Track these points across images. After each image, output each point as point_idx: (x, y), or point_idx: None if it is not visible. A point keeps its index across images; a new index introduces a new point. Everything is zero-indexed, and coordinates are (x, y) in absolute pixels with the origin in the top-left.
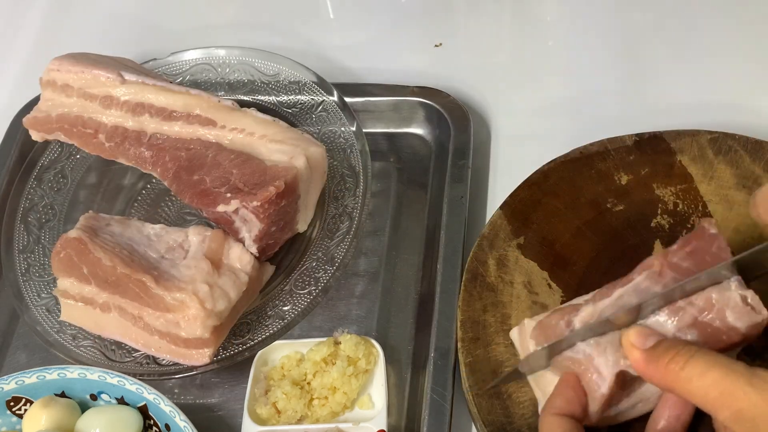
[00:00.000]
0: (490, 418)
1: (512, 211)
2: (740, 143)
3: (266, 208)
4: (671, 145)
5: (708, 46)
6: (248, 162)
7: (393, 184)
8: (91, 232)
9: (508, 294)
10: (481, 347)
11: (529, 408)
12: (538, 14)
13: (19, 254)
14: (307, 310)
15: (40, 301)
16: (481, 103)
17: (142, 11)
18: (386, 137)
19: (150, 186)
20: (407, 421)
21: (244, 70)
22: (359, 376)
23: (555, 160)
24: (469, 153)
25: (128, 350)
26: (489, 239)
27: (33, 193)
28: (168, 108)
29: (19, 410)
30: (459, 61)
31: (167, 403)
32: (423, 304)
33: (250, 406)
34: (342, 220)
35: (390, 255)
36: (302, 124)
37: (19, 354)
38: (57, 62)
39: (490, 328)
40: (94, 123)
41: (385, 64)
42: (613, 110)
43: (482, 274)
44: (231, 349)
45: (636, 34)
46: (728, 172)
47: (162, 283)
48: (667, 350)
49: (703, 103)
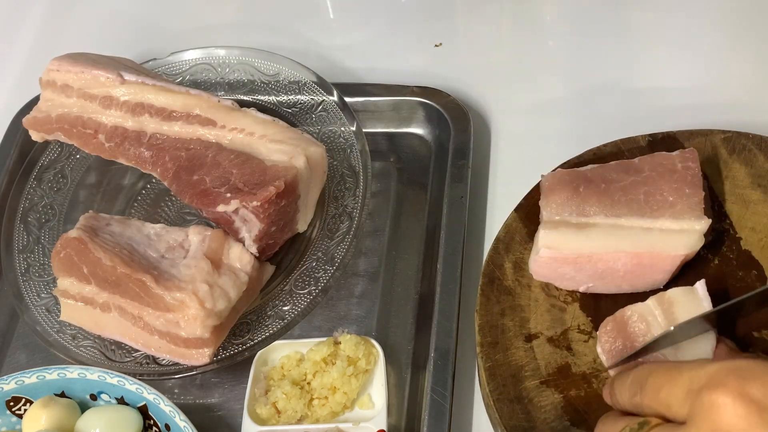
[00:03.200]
0: (512, 423)
1: (527, 214)
2: (754, 142)
3: (266, 208)
4: (684, 145)
5: (713, 44)
6: (248, 162)
7: (393, 184)
8: (91, 232)
9: (526, 297)
10: (500, 352)
11: (552, 412)
12: (537, 14)
13: (19, 254)
14: (307, 310)
15: (40, 301)
16: (481, 103)
17: (142, 11)
18: (386, 137)
19: (150, 186)
20: (407, 421)
21: (244, 70)
22: (359, 376)
23: (568, 161)
24: (469, 153)
25: (128, 350)
26: (505, 242)
27: (33, 193)
28: (168, 108)
29: (19, 410)
30: (459, 61)
31: (167, 403)
32: (423, 304)
33: (250, 406)
34: (342, 220)
35: (390, 255)
36: (302, 124)
37: (19, 354)
38: (57, 62)
39: (508, 332)
40: (94, 123)
41: (385, 64)
42: (613, 110)
43: (499, 277)
44: (231, 349)
45: (636, 34)
46: (742, 171)
47: (162, 283)
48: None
49: (710, 102)
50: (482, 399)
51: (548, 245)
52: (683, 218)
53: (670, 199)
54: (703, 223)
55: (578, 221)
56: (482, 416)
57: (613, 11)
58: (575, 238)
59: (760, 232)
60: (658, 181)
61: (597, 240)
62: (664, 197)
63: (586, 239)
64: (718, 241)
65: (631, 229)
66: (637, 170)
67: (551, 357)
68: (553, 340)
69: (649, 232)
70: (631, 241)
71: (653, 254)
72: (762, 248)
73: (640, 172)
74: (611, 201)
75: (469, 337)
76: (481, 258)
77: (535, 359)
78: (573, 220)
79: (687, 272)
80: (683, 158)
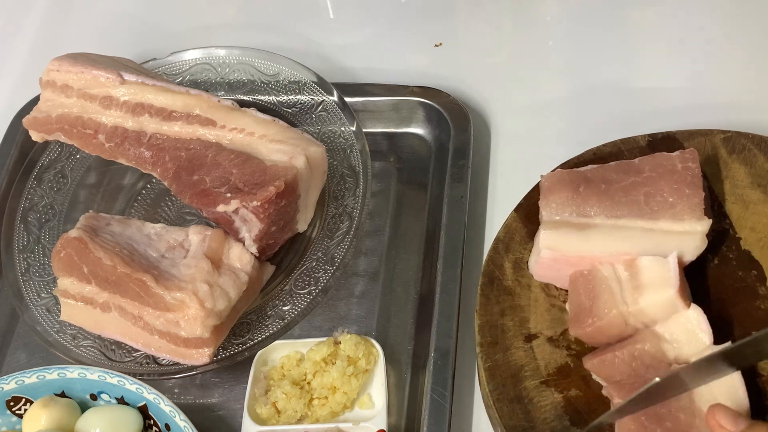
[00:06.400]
0: (512, 423)
1: (527, 214)
2: (754, 142)
3: (266, 208)
4: (684, 145)
5: (713, 44)
6: (248, 162)
7: (393, 184)
8: (91, 232)
9: (526, 297)
10: (500, 352)
11: (551, 412)
12: (537, 14)
13: (19, 254)
14: (307, 310)
15: (40, 301)
16: (481, 103)
17: (142, 11)
18: (386, 137)
19: (150, 186)
20: (407, 421)
21: (244, 70)
22: (359, 376)
23: (568, 161)
24: (469, 153)
25: (128, 350)
26: (505, 242)
27: (33, 193)
28: (168, 108)
29: (19, 410)
30: (459, 61)
31: (167, 403)
32: (423, 304)
33: (250, 406)
34: (342, 220)
35: (390, 255)
36: (302, 124)
37: (19, 354)
38: (57, 62)
39: (508, 332)
40: (94, 123)
41: (385, 64)
42: (613, 110)
43: (499, 277)
44: (231, 349)
45: (637, 34)
46: (742, 171)
47: (162, 283)
48: None
49: (710, 102)
50: (482, 399)
51: (549, 246)
52: (684, 219)
53: (670, 200)
54: (704, 224)
55: (578, 222)
56: (482, 416)
57: (612, 11)
58: (576, 239)
59: (760, 232)
60: (658, 182)
61: (598, 241)
62: (664, 198)
63: (587, 240)
64: (718, 241)
65: (632, 230)
66: (637, 171)
67: (551, 357)
68: (553, 340)
69: (649, 233)
70: (632, 242)
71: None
72: (762, 248)
73: (640, 173)
74: (611, 202)
75: (469, 337)
76: (481, 258)
77: (534, 359)
78: (573, 220)
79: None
80: (683, 158)
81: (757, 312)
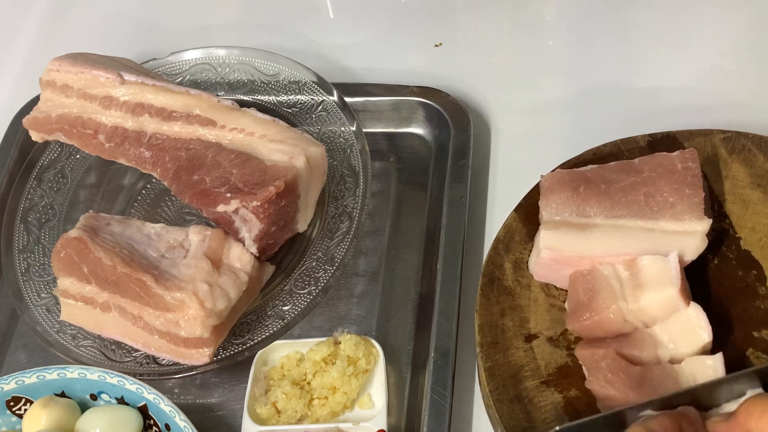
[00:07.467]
0: (512, 423)
1: (527, 214)
2: (754, 142)
3: (266, 208)
4: (684, 145)
5: (713, 44)
6: (248, 162)
7: (393, 184)
8: (91, 232)
9: (526, 297)
10: (500, 352)
11: (551, 412)
12: (537, 14)
13: (19, 254)
14: (307, 310)
15: (40, 301)
16: (481, 103)
17: (142, 11)
18: (386, 137)
19: (150, 186)
20: (407, 421)
21: (244, 70)
22: (359, 376)
23: (568, 161)
24: (469, 153)
25: (128, 350)
26: (505, 242)
27: (33, 193)
28: (168, 108)
29: (19, 410)
30: (459, 61)
31: (167, 403)
32: (423, 304)
33: (250, 406)
34: (342, 220)
35: (390, 255)
36: (302, 124)
37: (19, 354)
38: (56, 62)
39: (508, 332)
40: (94, 123)
41: (385, 64)
42: (613, 110)
43: (499, 277)
44: (231, 349)
45: (637, 34)
46: (742, 171)
47: (162, 283)
48: None
49: (710, 102)
50: (482, 399)
51: (549, 246)
52: (684, 219)
53: (670, 200)
54: (704, 224)
55: (578, 222)
56: (482, 416)
57: (613, 11)
58: (576, 239)
59: (760, 232)
60: (658, 182)
61: (598, 241)
62: (664, 198)
63: (587, 240)
64: (717, 241)
65: (632, 230)
66: (637, 171)
67: (551, 357)
68: (553, 340)
69: (649, 233)
70: (632, 242)
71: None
72: (762, 248)
73: (640, 173)
74: (611, 202)
75: (469, 337)
76: (481, 258)
77: (534, 359)
78: (573, 220)
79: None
80: (683, 158)
81: (757, 312)
